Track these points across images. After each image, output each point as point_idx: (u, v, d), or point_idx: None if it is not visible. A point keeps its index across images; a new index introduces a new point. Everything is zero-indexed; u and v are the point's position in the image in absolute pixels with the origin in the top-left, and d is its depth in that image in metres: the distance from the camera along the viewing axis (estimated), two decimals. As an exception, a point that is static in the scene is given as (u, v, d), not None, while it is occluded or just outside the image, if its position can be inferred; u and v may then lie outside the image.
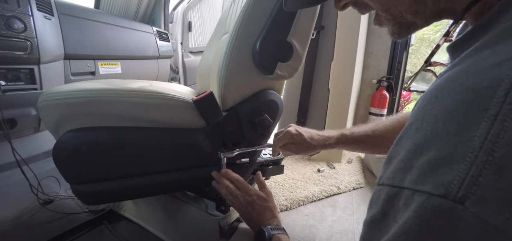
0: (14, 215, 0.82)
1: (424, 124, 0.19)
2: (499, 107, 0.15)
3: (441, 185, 0.16)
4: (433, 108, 0.19)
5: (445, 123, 0.18)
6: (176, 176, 0.61)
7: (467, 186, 0.15)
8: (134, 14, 1.63)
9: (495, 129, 0.15)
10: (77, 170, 0.54)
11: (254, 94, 0.65)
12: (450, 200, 0.15)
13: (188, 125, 0.59)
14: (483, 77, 0.17)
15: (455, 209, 0.15)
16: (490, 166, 0.14)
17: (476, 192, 0.15)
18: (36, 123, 1.06)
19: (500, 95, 0.15)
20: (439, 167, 0.17)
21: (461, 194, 0.15)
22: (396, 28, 0.29)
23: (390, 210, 0.19)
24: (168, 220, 0.78)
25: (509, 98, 0.15)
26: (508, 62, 0.16)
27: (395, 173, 0.20)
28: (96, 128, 0.53)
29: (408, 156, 0.19)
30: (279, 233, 0.51)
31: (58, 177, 0.94)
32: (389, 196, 0.20)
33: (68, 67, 1.11)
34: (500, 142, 0.15)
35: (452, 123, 0.17)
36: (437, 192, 0.16)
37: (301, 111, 1.25)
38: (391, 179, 0.20)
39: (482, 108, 0.16)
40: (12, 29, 0.84)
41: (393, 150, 0.22)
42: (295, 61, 0.63)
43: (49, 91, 0.53)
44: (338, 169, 1.09)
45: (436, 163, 0.17)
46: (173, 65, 1.92)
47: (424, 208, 0.16)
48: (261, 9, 0.58)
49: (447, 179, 0.16)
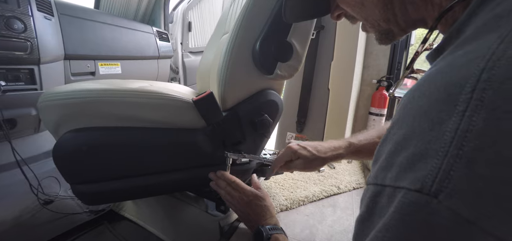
0: (14, 215, 0.82)
1: (403, 124, 0.20)
2: (467, 103, 0.16)
3: (417, 180, 0.16)
4: (411, 108, 0.20)
5: (420, 121, 0.18)
6: (176, 176, 0.61)
7: (440, 180, 0.15)
8: (134, 14, 1.63)
9: (463, 124, 0.16)
10: (77, 170, 0.54)
11: (254, 94, 0.65)
12: (425, 194, 0.16)
13: (188, 125, 0.59)
14: (453, 75, 0.18)
15: (430, 203, 0.15)
16: (461, 159, 0.15)
17: (448, 186, 0.15)
18: (36, 123, 1.06)
19: (468, 91, 0.16)
20: (415, 163, 0.17)
21: (435, 188, 0.15)
22: (377, 34, 0.32)
23: (375, 207, 0.20)
24: (168, 220, 0.78)
25: (476, 94, 0.16)
26: (476, 60, 0.17)
27: (378, 172, 0.21)
28: (96, 128, 0.53)
29: (390, 155, 0.20)
30: (277, 232, 0.51)
31: (58, 177, 0.94)
32: (373, 194, 0.20)
33: (68, 67, 1.11)
34: (469, 136, 0.15)
35: (427, 121, 0.18)
36: (414, 187, 0.16)
37: (301, 111, 1.25)
38: (375, 178, 0.21)
39: (452, 105, 0.17)
40: (12, 29, 0.84)
41: (378, 151, 0.23)
42: (295, 61, 0.63)
43: (49, 91, 0.53)
44: (338, 169, 1.09)
45: (413, 159, 0.18)
46: (173, 65, 1.92)
47: (402, 204, 0.17)
48: (261, 9, 0.58)
49: (422, 174, 0.16)
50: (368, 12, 0.30)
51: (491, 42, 0.17)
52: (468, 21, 0.20)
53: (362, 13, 0.31)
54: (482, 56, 0.16)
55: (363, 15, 0.31)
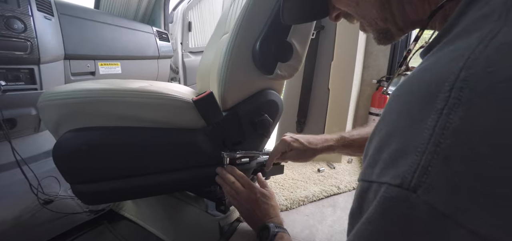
0: (14, 215, 0.82)
1: (388, 120, 0.21)
2: (445, 101, 0.16)
3: (397, 176, 0.17)
4: (396, 104, 0.21)
5: (403, 118, 0.19)
6: (176, 176, 0.61)
7: (419, 175, 0.16)
8: (134, 14, 1.63)
9: (441, 121, 0.16)
10: (77, 170, 0.54)
11: (254, 94, 0.65)
12: (404, 189, 0.16)
13: (188, 125, 0.59)
14: (436, 73, 0.18)
15: (409, 198, 0.16)
16: (438, 156, 0.16)
17: (426, 181, 0.16)
18: (36, 123, 1.06)
19: (446, 89, 0.16)
20: (397, 159, 0.18)
21: (414, 183, 0.16)
22: (375, 34, 0.32)
23: (363, 203, 0.21)
24: (168, 220, 0.78)
25: (453, 92, 0.16)
26: (456, 58, 0.17)
27: (365, 169, 0.21)
28: (96, 128, 0.53)
29: (375, 151, 0.21)
30: (282, 231, 0.52)
31: (58, 177, 0.94)
32: (362, 190, 0.21)
33: (68, 67, 1.11)
34: (445, 133, 0.16)
35: (408, 118, 0.18)
36: (394, 182, 0.17)
37: (301, 111, 1.25)
38: (363, 174, 0.21)
39: (432, 103, 0.17)
40: (12, 29, 0.84)
41: (367, 147, 0.23)
42: (295, 61, 0.63)
43: (49, 91, 0.53)
44: (338, 169, 1.09)
45: (395, 155, 0.18)
46: (173, 65, 1.92)
47: (384, 198, 0.17)
48: (261, 9, 0.58)
49: (402, 170, 0.17)
50: (365, 11, 0.30)
51: (472, 41, 0.17)
52: (458, 19, 0.21)
53: (359, 12, 0.31)
54: (462, 55, 0.17)
55: (360, 14, 0.31)
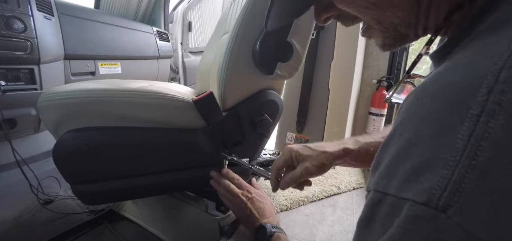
0: (14, 215, 0.82)
1: (408, 128, 0.18)
2: (482, 107, 0.14)
3: (423, 192, 0.15)
4: (417, 110, 0.19)
5: (428, 125, 0.17)
6: (176, 176, 0.61)
7: (450, 193, 0.14)
8: (134, 14, 1.63)
9: (478, 130, 0.14)
10: (77, 170, 0.54)
11: (254, 94, 0.65)
12: (431, 208, 0.14)
13: (188, 125, 0.59)
14: (467, 74, 0.16)
15: (438, 218, 0.14)
16: (474, 170, 0.13)
17: (459, 200, 0.14)
18: (36, 123, 1.06)
19: (483, 93, 0.14)
20: (421, 172, 0.16)
21: (443, 202, 0.14)
22: (389, 40, 0.28)
23: (375, 215, 0.19)
24: (168, 220, 0.78)
25: (492, 96, 0.14)
26: (493, 57, 0.15)
27: (379, 179, 0.19)
28: (96, 128, 0.53)
29: (392, 161, 0.18)
30: (278, 231, 0.52)
31: (58, 177, 0.94)
32: (373, 202, 0.19)
33: (68, 67, 1.11)
34: (484, 145, 0.13)
35: (435, 125, 0.16)
36: (419, 199, 0.15)
37: (301, 111, 1.25)
38: (376, 184, 0.19)
39: (464, 108, 0.15)
40: (12, 29, 0.84)
41: (378, 156, 0.21)
42: (295, 61, 0.63)
43: (49, 91, 0.53)
44: (338, 169, 1.09)
45: (418, 168, 0.16)
46: (173, 65, 1.92)
47: (407, 216, 0.16)
48: (261, 9, 0.58)
49: (429, 185, 0.15)
50: (386, 14, 0.25)
51: (509, 39, 0.14)
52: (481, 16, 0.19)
53: (375, 15, 0.26)
54: (501, 54, 0.14)
55: (375, 18, 0.27)
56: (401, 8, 0.24)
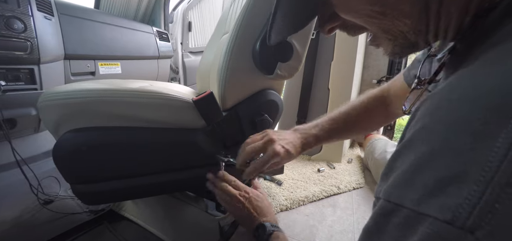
0: (14, 215, 0.82)
1: (432, 134, 0.16)
2: None
3: (447, 209, 0.13)
4: (441, 116, 0.16)
5: (458, 133, 0.15)
6: (176, 176, 0.61)
7: (480, 213, 0.12)
8: (134, 14, 1.63)
9: None
10: (77, 170, 0.54)
11: (254, 94, 0.65)
12: (457, 227, 0.13)
13: (188, 125, 0.59)
14: (504, 77, 0.14)
15: (464, 240, 0.12)
16: (511, 189, 0.12)
17: (491, 222, 0.12)
18: (36, 123, 1.06)
19: None
20: (447, 186, 0.14)
21: (472, 222, 0.12)
22: (398, 48, 0.27)
23: (386, 225, 0.17)
24: (168, 220, 0.78)
25: None
26: None
27: (392, 189, 0.18)
28: (96, 128, 0.53)
29: (410, 170, 0.17)
30: (277, 230, 0.51)
31: (58, 177, 0.94)
32: (384, 211, 0.18)
33: (68, 67, 1.11)
34: None
35: (467, 134, 0.14)
36: (443, 217, 0.13)
37: (301, 111, 1.25)
38: (388, 194, 0.18)
39: (505, 116, 0.13)
40: (12, 29, 0.84)
41: (392, 162, 0.19)
42: (295, 61, 0.63)
43: (49, 91, 0.53)
44: (338, 169, 1.09)
45: (443, 181, 0.14)
46: (173, 65, 1.92)
47: (427, 235, 0.14)
48: (261, 9, 0.58)
49: (455, 201, 0.13)
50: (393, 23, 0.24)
51: None
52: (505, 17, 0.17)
53: (382, 25, 0.25)
54: None
55: (382, 27, 0.25)
56: (410, 15, 0.23)
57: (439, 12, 0.22)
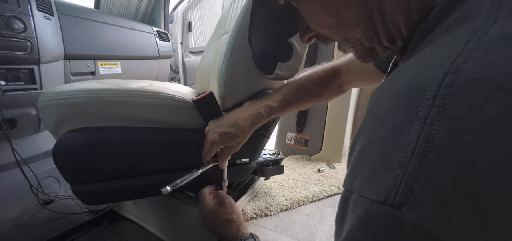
0: (14, 215, 0.82)
1: (368, 127, 0.19)
2: (428, 109, 0.15)
3: (380, 192, 0.16)
4: (374, 111, 0.20)
5: (382, 126, 0.18)
6: (176, 176, 0.61)
7: (402, 192, 0.15)
8: (134, 14, 1.63)
9: (425, 132, 0.14)
10: (77, 170, 0.54)
11: (254, 94, 0.65)
12: (388, 206, 0.15)
13: (188, 125, 0.59)
14: (416, 77, 0.17)
15: (394, 215, 0.15)
16: (422, 170, 0.14)
17: (411, 198, 0.14)
18: (36, 123, 1.06)
19: (429, 96, 0.15)
20: (378, 172, 0.17)
21: (398, 200, 0.15)
22: (359, 53, 0.30)
23: (344, 211, 0.20)
24: (168, 220, 0.78)
25: (437, 99, 0.14)
26: (440, 61, 0.15)
27: (347, 177, 0.21)
28: (96, 128, 0.53)
29: (356, 160, 0.20)
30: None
31: (58, 177, 0.94)
32: (344, 198, 0.20)
33: (68, 67, 1.11)
34: (430, 146, 0.14)
35: (389, 127, 0.17)
36: (377, 198, 0.16)
37: (301, 111, 1.25)
38: (345, 183, 0.21)
39: (413, 111, 0.15)
40: (12, 29, 0.84)
41: (351, 148, 0.22)
42: (295, 61, 0.63)
43: (49, 91, 0.53)
44: (338, 169, 1.09)
45: (375, 168, 0.17)
46: (173, 65, 1.92)
47: (367, 215, 0.16)
48: (261, 9, 0.58)
49: (385, 185, 0.16)
50: (348, 32, 0.28)
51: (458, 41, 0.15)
52: (438, 20, 0.20)
53: (340, 34, 0.29)
54: (447, 57, 0.15)
55: (341, 36, 0.29)
56: (358, 25, 0.26)
57: (385, 20, 0.25)
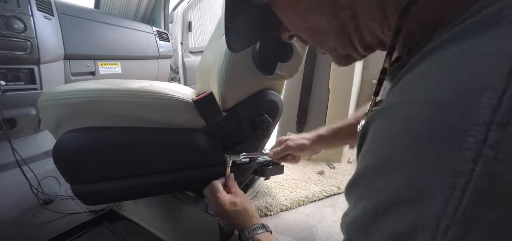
0: (14, 215, 0.82)
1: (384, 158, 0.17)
2: (483, 133, 0.11)
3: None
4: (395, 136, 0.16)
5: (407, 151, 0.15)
6: (176, 176, 0.61)
7: None
8: (134, 14, 1.63)
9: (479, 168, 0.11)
10: (77, 170, 0.54)
11: (254, 94, 0.65)
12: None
13: (188, 125, 0.59)
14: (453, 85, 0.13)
15: None
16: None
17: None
18: (36, 123, 1.06)
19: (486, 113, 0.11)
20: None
21: None
22: (336, 59, 0.30)
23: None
24: (168, 220, 0.78)
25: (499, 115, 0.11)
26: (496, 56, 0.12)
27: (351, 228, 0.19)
28: (96, 128, 0.53)
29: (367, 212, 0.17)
30: (258, 233, 0.51)
31: (58, 177, 0.94)
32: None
33: (68, 67, 1.11)
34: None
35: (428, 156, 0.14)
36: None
37: (301, 111, 1.25)
38: (349, 234, 0.20)
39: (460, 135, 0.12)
40: (12, 29, 0.84)
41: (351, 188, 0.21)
42: (295, 61, 0.63)
43: (49, 91, 0.53)
44: (338, 169, 1.09)
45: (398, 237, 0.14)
46: (173, 65, 1.92)
47: None
48: (261, 9, 0.58)
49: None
50: (322, 40, 0.27)
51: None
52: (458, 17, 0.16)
53: (316, 40, 0.28)
54: (502, 52, 0.11)
55: (317, 42, 0.28)
56: (332, 33, 0.25)
57: (359, 29, 0.24)
